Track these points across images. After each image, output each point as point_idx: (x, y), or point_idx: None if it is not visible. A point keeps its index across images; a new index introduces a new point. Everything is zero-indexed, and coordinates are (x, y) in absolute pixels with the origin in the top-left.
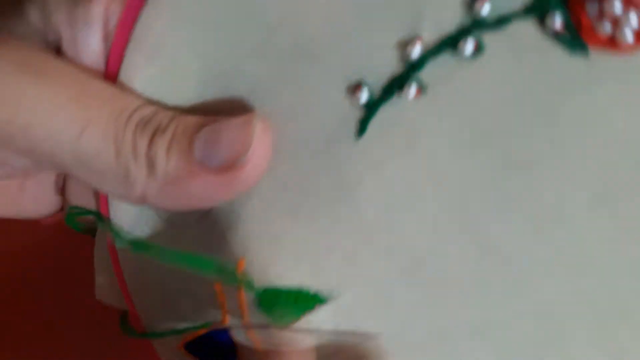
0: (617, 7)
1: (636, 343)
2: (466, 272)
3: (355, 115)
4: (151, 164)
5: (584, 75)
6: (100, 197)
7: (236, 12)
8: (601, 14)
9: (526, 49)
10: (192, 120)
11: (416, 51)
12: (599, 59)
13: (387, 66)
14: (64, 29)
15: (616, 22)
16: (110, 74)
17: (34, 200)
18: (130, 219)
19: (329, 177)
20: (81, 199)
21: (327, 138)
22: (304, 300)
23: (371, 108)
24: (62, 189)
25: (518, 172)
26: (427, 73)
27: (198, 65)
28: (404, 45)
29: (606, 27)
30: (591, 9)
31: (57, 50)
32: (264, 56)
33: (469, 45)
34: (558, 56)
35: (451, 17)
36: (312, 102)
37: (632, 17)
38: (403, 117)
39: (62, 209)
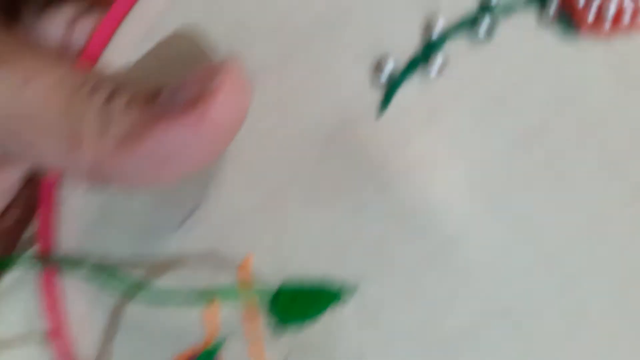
0: None
1: None
2: (493, 251)
3: (375, 93)
4: (105, 120)
5: (573, 57)
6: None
7: None
8: (588, 2)
9: (527, 35)
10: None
11: (438, 29)
12: (586, 44)
13: (409, 44)
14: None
15: (600, 9)
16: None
17: None
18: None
19: (349, 158)
20: None
21: (344, 118)
22: (326, 296)
23: (394, 83)
24: None
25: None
26: (446, 51)
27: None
28: (426, 24)
29: (592, 13)
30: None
31: None
32: (276, 36)
33: (483, 27)
34: (552, 42)
35: (467, 2)
36: (326, 80)
37: (611, 5)
38: (422, 93)
39: None
